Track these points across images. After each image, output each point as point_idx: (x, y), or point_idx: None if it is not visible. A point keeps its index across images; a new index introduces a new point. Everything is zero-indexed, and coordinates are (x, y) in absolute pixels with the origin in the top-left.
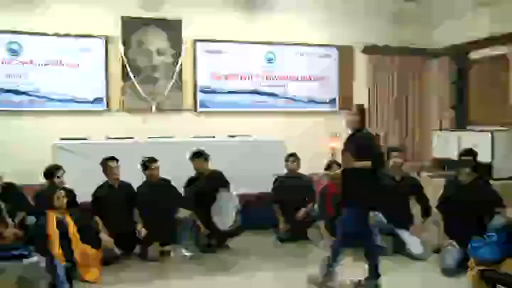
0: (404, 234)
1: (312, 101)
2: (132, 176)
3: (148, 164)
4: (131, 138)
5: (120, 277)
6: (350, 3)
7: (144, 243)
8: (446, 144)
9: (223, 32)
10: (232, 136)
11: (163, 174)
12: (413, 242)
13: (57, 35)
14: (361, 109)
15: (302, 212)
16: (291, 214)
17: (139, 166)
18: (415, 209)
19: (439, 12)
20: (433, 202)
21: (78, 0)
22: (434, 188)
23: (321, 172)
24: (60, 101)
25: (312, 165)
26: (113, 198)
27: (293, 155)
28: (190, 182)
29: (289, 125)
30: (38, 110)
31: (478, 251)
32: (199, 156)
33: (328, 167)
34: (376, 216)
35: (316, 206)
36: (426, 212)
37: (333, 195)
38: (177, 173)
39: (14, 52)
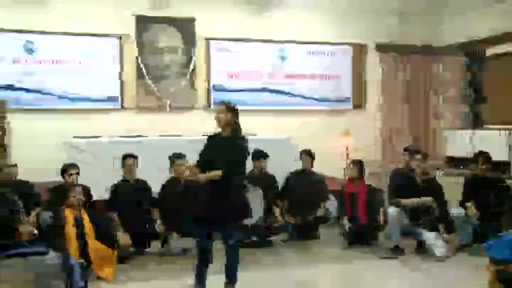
0: (426, 235)
1: (324, 99)
2: (146, 173)
3: (173, 159)
4: (145, 136)
5: (136, 274)
6: (362, 0)
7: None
8: (461, 143)
9: (236, 30)
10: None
11: None
12: (435, 242)
13: (71, 34)
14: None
15: (322, 210)
16: (302, 211)
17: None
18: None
19: (453, 9)
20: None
21: None
22: (450, 187)
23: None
24: (74, 99)
25: (324, 164)
26: (128, 195)
27: (306, 151)
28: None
29: (301, 124)
30: (52, 108)
31: (495, 250)
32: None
33: (349, 165)
34: (402, 217)
35: (328, 204)
36: (442, 217)
37: (350, 194)
38: None
39: (29, 51)
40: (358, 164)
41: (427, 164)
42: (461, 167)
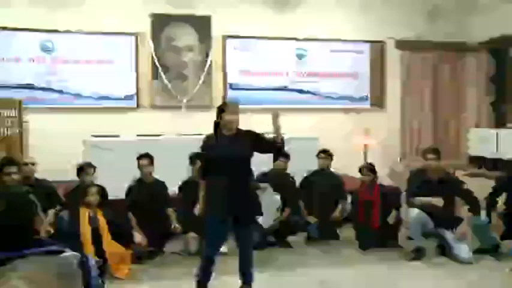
0: (450, 237)
1: (343, 97)
2: (163, 173)
3: (193, 159)
4: (161, 135)
5: (152, 274)
6: None
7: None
8: (484, 142)
9: (254, 28)
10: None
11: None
12: (460, 245)
13: (88, 33)
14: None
15: (338, 210)
16: (321, 211)
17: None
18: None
19: (476, 4)
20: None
21: None
22: (472, 187)
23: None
24: (91, 98)
25: (344, 163)
26: (144, 195)
27: (325, 151)
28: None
29: (320, 122)
30: (70, 107)
31: None
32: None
33: (361, 170)
34: (424, 218)
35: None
36: (475, 208)
37: (363, 199)
38: None
39: (47, 50)
40: (370, 168)
41: (440, 162)
42: (483, 167)
